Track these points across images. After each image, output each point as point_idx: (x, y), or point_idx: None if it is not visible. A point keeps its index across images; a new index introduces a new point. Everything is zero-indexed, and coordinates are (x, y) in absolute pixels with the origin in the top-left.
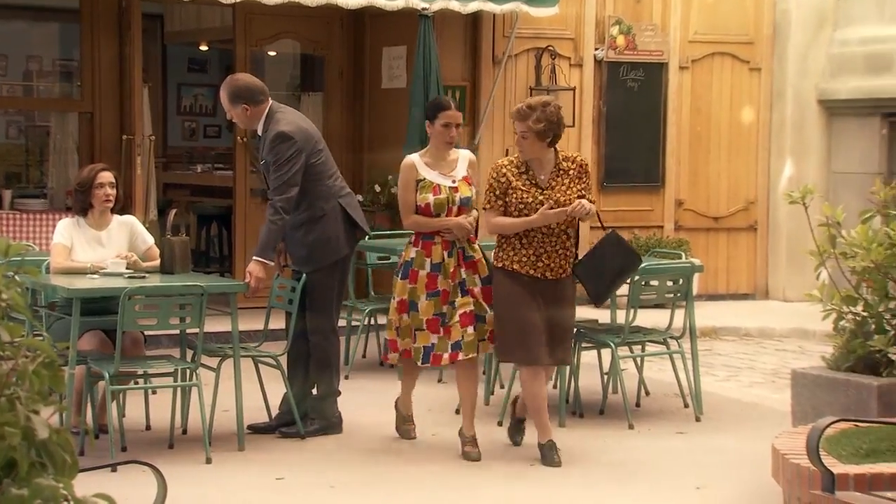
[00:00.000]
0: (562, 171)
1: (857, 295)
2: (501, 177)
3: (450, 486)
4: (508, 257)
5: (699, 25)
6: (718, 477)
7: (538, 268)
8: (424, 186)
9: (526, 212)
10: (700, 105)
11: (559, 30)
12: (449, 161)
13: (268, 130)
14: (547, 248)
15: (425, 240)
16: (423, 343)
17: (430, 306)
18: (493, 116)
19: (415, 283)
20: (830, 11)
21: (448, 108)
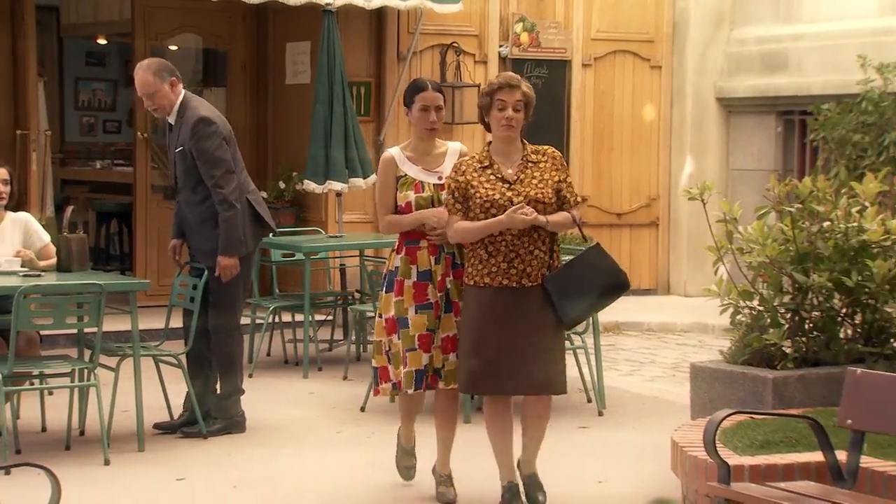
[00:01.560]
0: (531, 164)
1: (753, 290)
2: (460, 175)
3: (353, 481)
4: (477, 271)
5: (601, 23)
6: (620, 470)
7: (511, 276)
8: (405, 183)
9: (494, 211)
10: (603, 102)
11: (463, 26)
12: (435, 155)
13: (184, 117)
14: (519, 250)
15: (409, 245)
16: (414, 366)
17: (422, 320)
18: (399, 113)
19: (401, 296)
20: (727, 11)
21: (424, 89)
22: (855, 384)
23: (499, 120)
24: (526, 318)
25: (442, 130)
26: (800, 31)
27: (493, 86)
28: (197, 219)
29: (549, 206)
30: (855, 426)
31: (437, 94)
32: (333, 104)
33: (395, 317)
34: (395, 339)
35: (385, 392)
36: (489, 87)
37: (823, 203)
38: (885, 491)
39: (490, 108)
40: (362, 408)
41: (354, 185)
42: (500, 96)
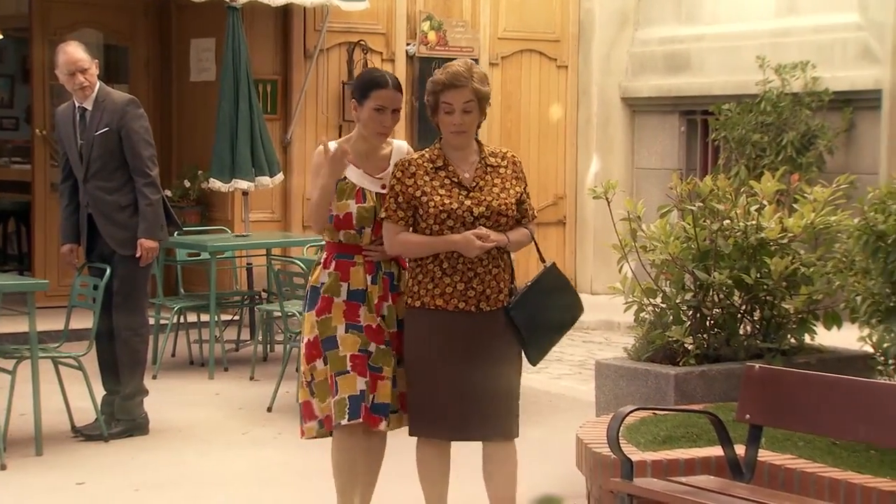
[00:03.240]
0: (490, 168)
1: (657, 287)
2: (408, 176)
3: (260, 483)
4: (426, 290)
5: (508, 23)
6: (525, 468)
7: (469, 298)
8: (344, 190)
9: (450, 223)
10: (510, 102)
11: (370, 24)
12: (379, 157)
13: (106, 100)
14: (478, 269)
15: (342, 258)
16: (347, 392)
17: (353, 339)
18: (306, 111)
19: (329, 313)
20: (631, 11)
21: (383, 86)
22: (753, 379)
23: (447, 126)
24: (485, 350)
25: None
26: (701, 32)
27: (437, 85)
28: (114, 206)
29: (511, 219)
30: (753, 421)
31: (396, 94)
32: (239, 102)
33: (318, 338)
34: (318, 366)
35: (310, 432)
36: (433, 85)
37: (724, 202)
38: (781, 484)
39: (436, 109)
40: (269, 408)
41: (261, 184)
42: (446, 98)
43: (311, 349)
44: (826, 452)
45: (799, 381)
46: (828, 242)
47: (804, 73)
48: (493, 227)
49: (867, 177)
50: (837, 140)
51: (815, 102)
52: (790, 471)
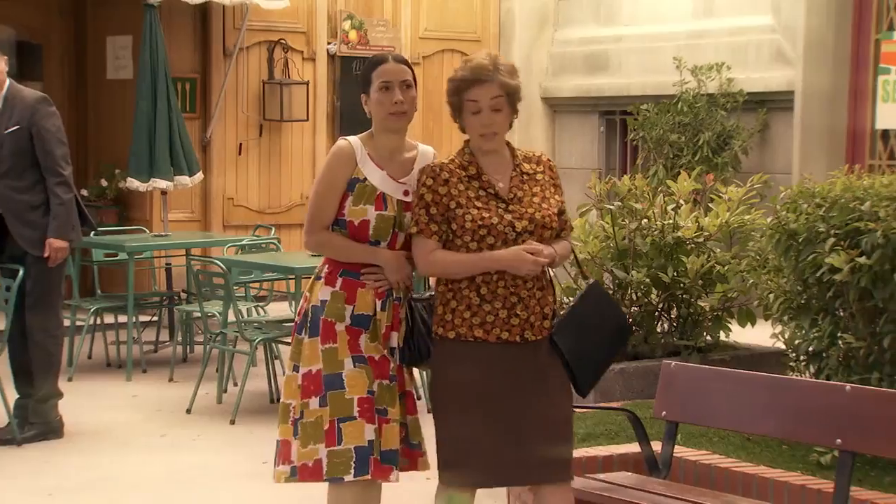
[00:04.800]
0: (526, 176)
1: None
2: (440, 184)
3: (178, 486)
4: (463, 320)
5: (429, 22)
6: None
7: (513, 327)
8: (363, 193)
9: (490, 240)
10: (432, 101)
11: (291, 23)
12: (403, 160)
13: (17, 97)
14: (521, 293)
15: (348, 276)
16: (353, 442)
17: (361, 378)
18: (226, 110)
19: (333, 342)
20: (551, 12)
21: (384, 61)
22: (669, 377)
23: (476, 128)
24: (534, 384)
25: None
26: (620, 33)
27: (460, 81)
28: (24, 206)
29: (554, 232)
30: (669, 417)
31: (401, 66)
32: (157, 100)
33: (321, 371)
34: (313, 405)
35: (280, 477)
36: (454, 83)
37: (642, 201)
38: (696, 479)
39: (461, 110)
40: (188, 410)
41: (180, 184)
42: (471, 96)
43: (310, 383)
44: (740, 448)
45: (714, 377)
46: (742, 241)
47: (720, 74)
48: (537, 241)
49: (780, 176)
50: (752, 140)
51: (731, 103)
52: (705, 466)
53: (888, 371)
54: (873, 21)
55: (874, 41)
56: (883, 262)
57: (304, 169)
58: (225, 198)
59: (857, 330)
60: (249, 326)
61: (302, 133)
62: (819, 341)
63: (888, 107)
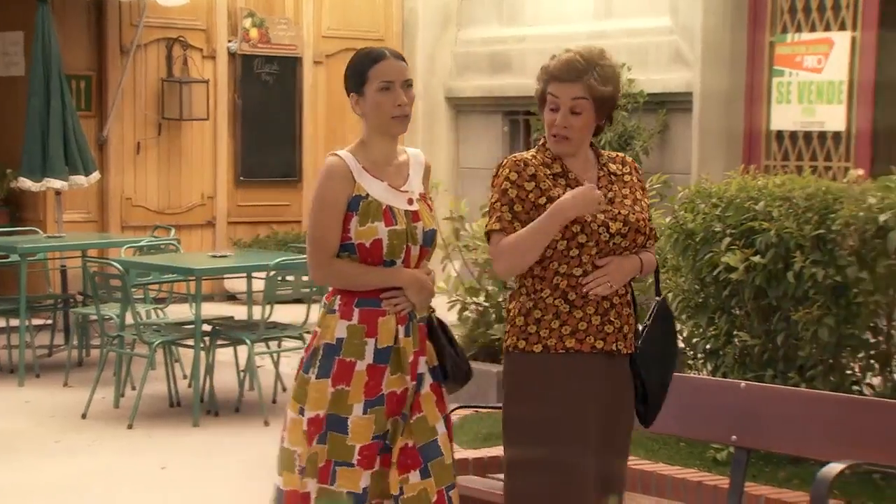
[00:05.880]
0: (614, 177)
1: (480, 286)
2: (527, 179)
3: (72, 492)
4: (551, 331)
5: (331, 21)
6: None
7: (607, 335)
8: (369, 210)
9: (582, 238)
10: (335, 100)
11: (190, 20)
12: (397, 165)
13: None
14: (613, 299)
15: (366, 306)
16: (347, 487)
17: (368, 425)
18: (123, 109)
19: (346, 384)
20: (454, 12)
21: (381, 58)
22: None
23: (548, 125)
24: (626, 406)
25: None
26: (522, 34)
27: (546, 74)
28: None
29: (647, 239)
30: None
31: (401, 64)
32: (50, 98)
33: (325, 416)
34: (315, 448)
35: None
36: (541, 72)
37: None
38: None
39: (543, 101)
40: (83, 414)
41: (75, 183)
42: (552, 90)
43: (316, 428)
44: (639, 445)
45: None
46: None
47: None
48: (630, 247)
49: (680, 176)
50: (652, 141)
51: (631, 104)
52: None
53: (782, 368)
54: (768, 23)
55: (769, 43)
56: (776, 262)
57: (205, 168)
58: (123, 198)
59: (752, 328)
60: (148, 329)
61: (202, 132)
62: (716, 339)
63: (782, 108)
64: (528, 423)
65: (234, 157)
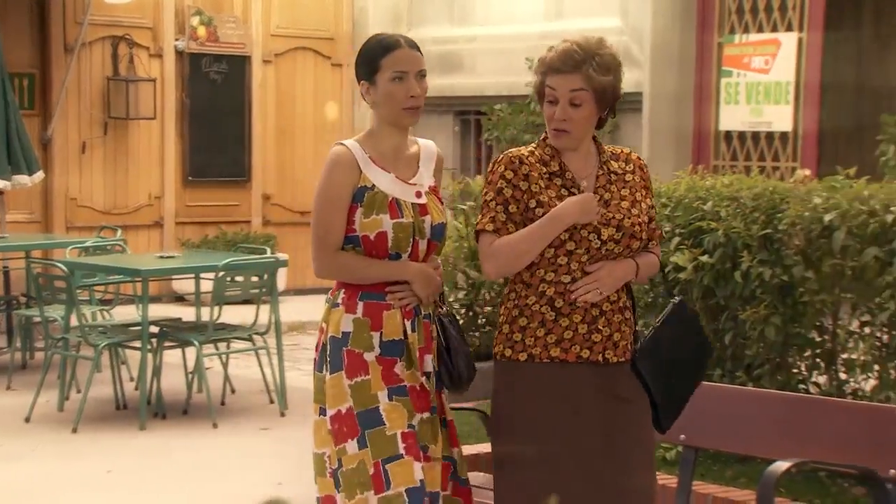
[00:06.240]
0: (614, 176)
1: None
2: (521, 178)
3: (14, 498)
4: (536, 339)
5: (281, 20)
6: (300, 470)
7: (594, 345)
8: (374, 202)
9: (571, 245)
10: (285, 100)
11: (136, 18)
12: (407, 157)
13: None
14: (604, 305)
15: (370, 299)
16: (404, 484)
17: (400, 411)
18: (68, 107)
19: (364, 374)
20: (405, 11)
21: (395, 47)
22: None
23: (548, 119)
24: (619, 416)
25: None
26: (473, 34)
27: (543, 66)
28: None
29: (643, 243)
30: None
31: (415, 54)
32: None
33: (352, 409)
34: (351, 449)
35: None
36: (539, 64)
37: None
38: None
39: (542, 95)
40: (27, 418)
41: (18, 183)
42: (550, 82)
43: (342, 424)
44: None
45: None
46: None
47: None
48: (623, 252)
49: None
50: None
51: None
52: None
53: (729, 367)
54: (716, 24)
55: (717, 44)
56: (724, 261)
57: (152, 168)
58: (68, 198)
59: None
60: (94, 331)
61: (150, 131)
62: None
63: (730, 108)
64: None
65: (182, 156)
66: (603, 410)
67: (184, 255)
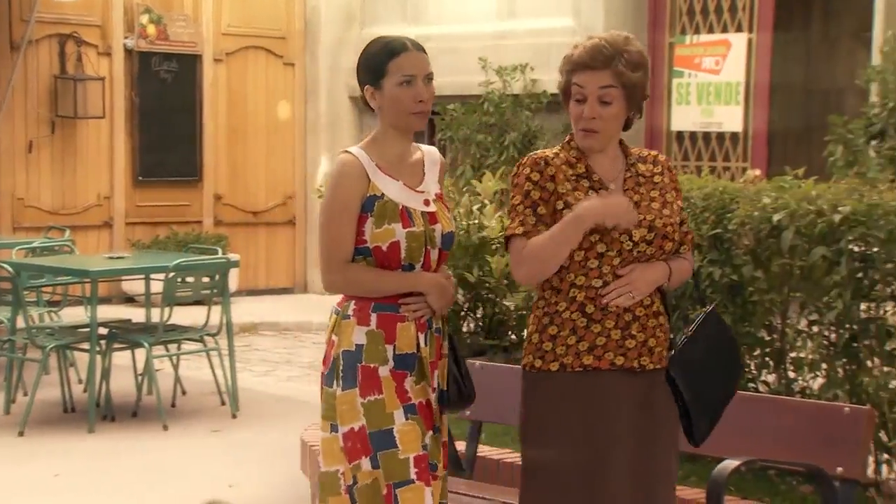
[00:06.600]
0: (643, 178)
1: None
2: (547, 179)
3: None
4: (568, 347)
5: (232, 18)
6: (251, 473)
7: (629, 351)
8: (385, 211)
9: (601, 248)
10: (237, 99)
11: (84, 16)
12: (412, 164)
13: None
14: (637, 310)
15: (383, 311)
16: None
17: (415, 432)
18: (14, 106)
19: (378, 393)
20: (357, 10)
21: (402, 50)
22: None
23: (575, 118)
24: (655, 426)
25: None
26: (426, 33)
27: (570, 63)
28: None
29: (675, 245)
30: (473, 417)
31: (424, 57)
32: None
33: (364, 429)
34: (365, 466)
35: None
36: (565, 62)
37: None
38: (498, 477)
39: (568, 94)
40: None
41: None
42: (577, 79)
43: (355, 442)
44: None
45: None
46: None
47: (523, 75)
48: (656, 254)
49: None
50: (556, 141)
51: (535, 104)
52: (507, 464)
53: None
54: (667, 24)
55: (668, 44)
56: None
57: (102, 168)
58: (14, 198)
59: None
60: (41, 333)
61: (98, 130)
62: None
63: (682, 109)
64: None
65: (132, 156)
66: (637, 419)
67: (134, 255)
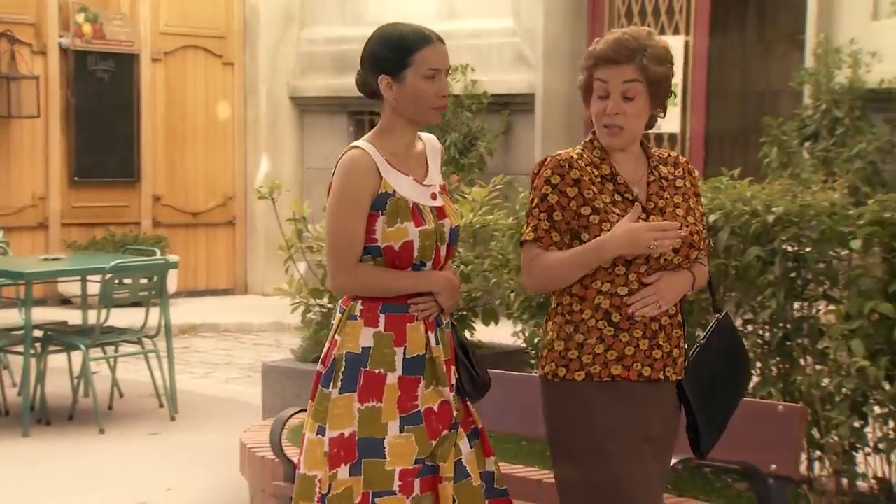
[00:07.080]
0: (665, 182)
1: (323, 288)
2: (569, 184)
3: None
4: (595, 356)
5: (170, 17)
6: (190, 476)
7: (655, 361)
8: (397, 209)
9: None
10: (175, 99)
11: (18, 14)
12: (416, 155)
13: None
14: (663, 320)
15: (392, 312)
16: None
17: (409, 445)
18: None
19: (378, 401)
20: (297, 10)
21: (428, 41)
22: None
23: (598, 116)
24: (669, 435)
25: None
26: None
27: (592, 58)
28: None
29: (702, 253)
30: None
31: (446, 49)
32: None
33: (355, 435)
34: (342, 474)
35: None
36: (587, 57)
37: None
38: None
39: (589, 90)
40: None
41: None
42: (600, 74)
43: (339, 449)
44: None
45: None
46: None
47: (464, 76)
48: (683, 263)
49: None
50: (497, 142)
51: (476, 105)
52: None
53: None
54: (606, 26)
55: None
56: None
57: (36, 168)
58: None
59: None
60: None
61: (33, 130)
62: None
63: None
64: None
65: (68, 156)
66: (658, 430)
67: (70, 257)
